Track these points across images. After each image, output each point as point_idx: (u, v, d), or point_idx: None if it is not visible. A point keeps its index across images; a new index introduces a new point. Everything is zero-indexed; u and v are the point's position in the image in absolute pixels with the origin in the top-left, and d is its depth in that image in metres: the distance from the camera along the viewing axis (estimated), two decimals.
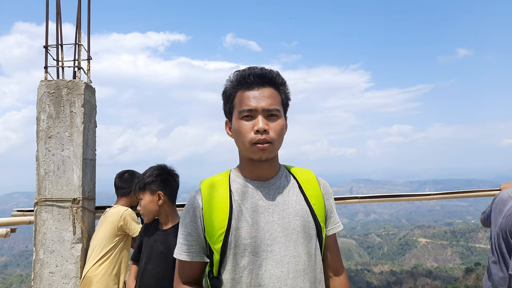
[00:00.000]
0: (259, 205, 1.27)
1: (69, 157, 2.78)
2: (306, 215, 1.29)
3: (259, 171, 1.31)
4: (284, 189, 1.32)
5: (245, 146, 1.25)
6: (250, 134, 1.23)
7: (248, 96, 1.25)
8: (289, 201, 1.29)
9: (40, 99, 2.83)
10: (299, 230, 1.26)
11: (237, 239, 1.23)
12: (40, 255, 2.76)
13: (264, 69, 1.28)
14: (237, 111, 1.27)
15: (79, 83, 2.83)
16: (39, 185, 2.79)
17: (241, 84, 1.27)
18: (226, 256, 1.24)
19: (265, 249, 1.23)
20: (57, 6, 2.96)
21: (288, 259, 1.23)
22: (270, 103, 1.24)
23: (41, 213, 2.77)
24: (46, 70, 2.93)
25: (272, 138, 1.23)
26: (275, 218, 1.26)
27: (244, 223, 1.24)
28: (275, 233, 1.24)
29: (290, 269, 1.22)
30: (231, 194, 1.29)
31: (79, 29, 2.97)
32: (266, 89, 1.26)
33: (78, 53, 2.97)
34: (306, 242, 1.27)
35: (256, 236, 1.23)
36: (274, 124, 1.24)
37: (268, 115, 1.24)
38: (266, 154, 1.24)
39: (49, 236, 2.76)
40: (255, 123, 1.23)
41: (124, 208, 2.85)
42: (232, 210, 1.26)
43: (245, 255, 1.22)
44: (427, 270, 40.60)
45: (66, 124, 2.80)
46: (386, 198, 3.44)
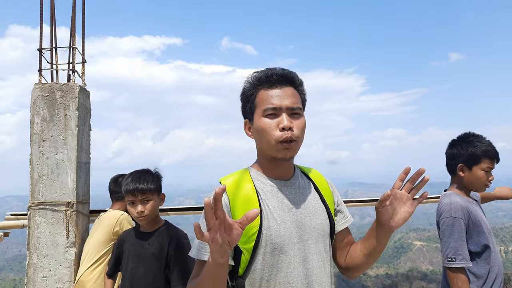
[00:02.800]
0: (284, 204, 1.30)
1: (63, 160, 2.76)
2: (323, 213, 1.35)
3: (280, 170, 1.34)
4: (303, 188, 1.36)
5: (270, 144, 1.26)
6: (276, 131, 1.24)
7: (272, 95, 1.27)
8: (309, 200, 1.34)
9: (34, 102, 2.81)
10: (318, 228, 1.31)
11: (267, 238, 1.24)
12: (33, 259, 2.74)
13: (285, 69, 1.32)
14: (260, 109, 1.28)
15: (74, 86, 2.82)
16: (33, 189, 2.77)
17: (262, 83, 1.29)
18: (256, 255, 1.24)
19: (293, 247, 1.26)
20: (51, 9, 2.95)
21: (312, 256, 1.28)
22: (293, 101, 1.27)
23: (34, 217, 2.75)
24: (40, 73, 2.92)
25: (297, 136, 1.26)
26: (299, 217, 1.30)
27: (273, 222, 1.26)
28: (299, 232, 1.28)
29: (314, 266, 1.27)
30: (258, 193, 1.29)
31: (73, 32, 2.96)
32: (288, 88, 1.29)
33: (73, 56, 2.96)
34: (324, 239, 1.32)
35: (284, 235, 1.26)
36: (298, 122, 1.27)
37: (292, 114, 1.27)
38: (290, 153, 1.27)
39: (43, 240, 2.73)
40: (280, 121, 1.24)
41: (120, 212, 2.83)
42: (262, 209, 1.27)
43: (275, 254, 1.24)
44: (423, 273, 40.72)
45: (60, 128, 2.78)
46: None
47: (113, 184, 2.93)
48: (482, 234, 2.04)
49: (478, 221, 2.05)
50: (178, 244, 2.19)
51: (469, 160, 2.12)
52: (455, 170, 2.18)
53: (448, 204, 2.07)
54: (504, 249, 49.52)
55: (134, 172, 2.26)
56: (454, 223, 2.01)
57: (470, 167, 2.13)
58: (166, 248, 2.17)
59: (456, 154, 2.17)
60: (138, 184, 2.16)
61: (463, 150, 2.14)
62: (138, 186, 2.15)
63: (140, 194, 2.15)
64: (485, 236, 2.04)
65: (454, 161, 2.18)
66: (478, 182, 2.14)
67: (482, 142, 2.13)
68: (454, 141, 2.22)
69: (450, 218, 2.02)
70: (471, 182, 2.15)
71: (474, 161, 2.12)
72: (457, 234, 2.00)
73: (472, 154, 2.11)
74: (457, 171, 2.17)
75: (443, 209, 2.08)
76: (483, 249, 2.04)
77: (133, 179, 2.18)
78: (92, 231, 2.81)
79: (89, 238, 2.78)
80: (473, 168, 2.12)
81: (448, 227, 2.02)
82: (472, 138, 2.16)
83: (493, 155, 2.12)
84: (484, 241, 2.04)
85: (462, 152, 2.14)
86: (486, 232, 2.06)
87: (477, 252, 2.04)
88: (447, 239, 2.01)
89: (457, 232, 2.00)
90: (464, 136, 2.20)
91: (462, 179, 2.17)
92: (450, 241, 2.00)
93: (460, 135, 2.23)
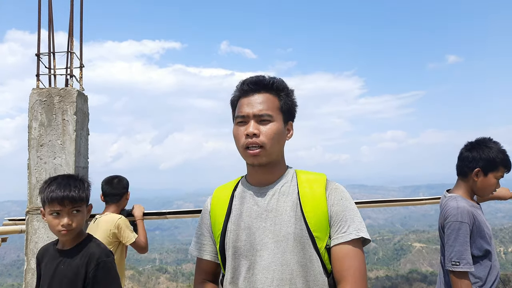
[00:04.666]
0: (253, 210, 1.31)
1: (61, 165, 2.75)
2: (299, 223, 1.24)
3: (259, 175, 1.35)
4: (281, 195, 1.31)
5: (239, 150, 1.32)
6: (242, 138, 1.28)
7: (243, 103, 1.31)
8: (284, 208, 1.28)
9: (32, 107, 2.81)
10: (289, 238, 1.23)
11: (230, 242, 1.31)
12: (31, 264, 2.72)
13: (261, 76, 1.33)
14: (234, 117, 1.35)
15: (71, 91, 2.82)
16: (31, 194, 2.76)
17: (240, 92, 1.34)
18: (226, 257, 1.33)
19: (255, 253, 1.26)
20: (49, 14, 2.95)
21: (274, 266, 1.22)
22: (261, 108, 1.28)
23: (32, 222, 2.74)
24: (38, 78, 2.92)
25: (263, 142, 1.26)
26: (267, 224, 1.27)
27: (237, 227, 1.30)
28: (265, 239, 1.26)
29: (275, 277, 1.21)
30: (232, 199, 1.37)
31: (71, 37, 2.96)
32: (261, 95, 1.31)
33: (71, 61, 2.95)
34: (297, 251, 1.22)
35: (247, 240, 1.27)
36: (266, 128, 1.28)
37: (260, 120, 1.28)
38: (257, 159, 1.28)
39: (41, 245, 2.71)
40: (246, 128, 1.28)
41: (118, 216, 2.84)
42: (230, 213, 1.34)
43: (236, 257, 1.29)
44: (422, 274, 40.67)
45: (58, 132, 2.78)
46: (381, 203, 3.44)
47: (109, 186, 2.93)
48: (484, 239, 2.05)
49: (481, 226, 2.07)
50: (99, 264, 1.72)
51: (487, 166, 2.08)
52: (468, 173, 2.13)
53: (455, 208, 2.05)
54: (504, 250, 49.54)
55: (59, 176, 1.81)
56: (460, 227, 2.00)
57: (486, 173, 2.09)
58: (83, 269, 1.71)
59: (475, 158, 2.10)
60: (68, 191, 1.72)
61: (484, 154, 2.09)
62: (68, 194, 1.70)
63: (69, 203, 1.72)
64: (487, 241, 2.06)
65: (471, 165, 2.11)
66: (488, 189, 2.14)
67: (501, 150, 2.10)
68: (473, 144, 2.16)
69: (457, 223, 2.01)
70: (482, 187, 2.13)
71: (491, 168, 2.08)
72: (462, 239, 1.99)
73: (491, 160, 2.07)
74: (471, 174, 2.12)
75: (450, 212, 2.06)
76: (485, 253, 2.06)
77: (59, 185, 1.73)
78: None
79: None
80: (489, 175, 2.09)
81: (454, 231, 2.01)
82: (492, 144, 2.12)
83: (509, 164, 2.11)
84: (486, 245, 2.06)
85: (483, 157, 2.08)
86: (488, 237, 2.07)
87: (478, 256, 2.05)
88: (452, 243, 2.01)
89: (462, 237, 2.00)
90: (485, 140, 2.15)
91: (474, 183, 2.13)
92: (455, 245, 2.00)
93: (479, 138, 2.18)
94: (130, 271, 29.80)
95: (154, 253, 67.83)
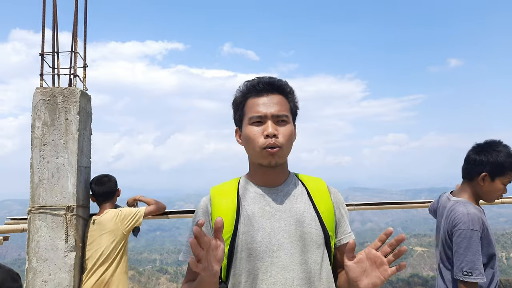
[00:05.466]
0: (265, 210, 1.29)
1: (63, 164, 2.76)
2: (314, 223, 1.28)
3: (268, 177, 1.33)
4: (292, 195, 1.32)
5: (255, 151, 1.28)
6: (260, 139, 1.26)
7: (258, 103, 1.29)
8: (297, 208, 1.30)
9: (35, 107, 2.82)
10: (305, 237, 1.25)
11: (243, 244, 1.25)
12: (33, 263, 2.73)
13: (273, 78, 1.33)
14: (247, 117, 1.30)
15: (75, 91, 2.83)
16: (33, 193, 2.77)
17: (250, 91, 1.31)
18: (233, 260, 1.26)
19: (271, 254, 1.23)
20: (53, 14, 2.96)
21: (293, 265, 1.23)
22: (279, 109, 1.28)
23: (34, 221, 2.74)
24: (41, 77, 2.93)
25: (281, 143, 1.26)
26: (281, 224, 1.26)
27: (251, 228, 1.26)
28: (281, 239, 1.25)
29: (295, 276, 1.22)
30: (238, 200, 1.31)
31: (75, 37, 2.98)
32: (275, 96, 1.30)
33: (74, 60, 2.97)
34: (313, 250, 1.26)
35: (261, 241, 1.24)
36: (283, 129, 1.27)
37: (278, 121, 1.28)
38: (275, 159, 1.27)
39: (43, 244, 2.73)
40: (265, 128, 1.26)
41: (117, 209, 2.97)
42: (240, 215, 1.28)
43: (251, 260, 1.24)
44: (423, 279, 40.54)
45: (61, 132, 2.78)
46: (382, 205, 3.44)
47: (99, 186, 2.96)
48: (491, 244, 1.98)
49: (489, 231, 2.00)
50: None
51: (494, 171, 2.01)
52: (475, 177, 2.06)
53: (466, 215, 1.95)
54: (506, 255, 49.27)
55: None
56: (472, 235, 1.91)
57: (493, 178, 2.02)
58: None
59: (483, 162, 2.02)
60: None
61: (492, 158, 2.00)
62: None
63: None
64: (492, 246, 2.00)
65: (478, 168, 2.03)
66: (495, 194, 2.06)
67: (511, 154, 2.01)
68: (482, 146, 2.07)
69: (468, 230, 1.91)
70: (488, 192, 2.06)
71: (499, 173, 2.01)
72: (474, 248, 1.90)
73: (500, 165, 1.99)
74: (477, 178, 2.05)
75: (460, 219, 1.95)
76: (490, 258, 2.00)
77: None
78: (95, 235, 2.82)
79: (95, 241, 2.82)
80: (496, 180, 2.02)
81: (465, 240, 1.92)
82: (501, 147, 2.02)
83: None
84: (492, 250, 1.99)
85: (491, 161, 2.00)
86: (493, 241, 2.01)
87: (484, 264, 1.97)
88: (463, 252, 1.91)
89: (474, 246, 1.90)
90: (494, 143, 2.06)
91: (480, 188, 2.06)
92: (467, 254, 1.90)
93: (489, 141, 2.09)
94: (130, 271, 29.85)
95: (155, 253, 67.76)
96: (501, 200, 3.28)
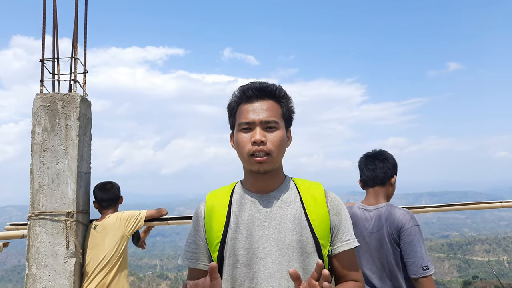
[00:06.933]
0: (255, 217, 1.28)
1: (63, 170, 2.76)
2: (304, 231, 1.26)
3: (260, 183, 1.32)
4: (284, 203, 1.30)
5: (244, 158, 1.28)
6: (248, 145, 1.25)
7: (247, 109, 1.28)
8: (287, 216, 1.28)
9: (35, 112, 2.82)
10: (294, 246, 1.24)
11: (231, 250, 1.26)
12: (33, 269, 2.72)
13: (264, 83, 1.31)
14: (237, 123, 1.31)
15: (75, 97, 2.83)
16: (33, 199, 2.76)
17: (242, 98, 1.31)
18: (223, 265, 1.27)
19: (258, 262, 1.23)
20: (54, 20, 2.98)
21: (280, 274, 1.22)
22: (267, 115, 1.26)
23: (34, 227, 2.74)
24: (42, 83, 2.94)
25: (270, 150, 1.24)
26: (270, 232, 1.25)
27: (239, 235, 1.26)
28: (269, 247, 1.24)
29: (282, 285, 1.21)
30: (230, 205, 1.32)
31: (75, 42, 2.99)
32: (265, 101, 1.29)
33: (74, 66, 2.98)
34: (303, 259, 1.24)
35: (249, 248, 1.24)
36: (272, 136, 1.26)
37: (266, 127, 1.26)
38: (264, 167, 1.25)
39: (42, 250, 2.72)
40: (253, 135, 1.25)
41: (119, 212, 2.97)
42: (230, 221, 1.29)
43: (238, 266, 1.24)
44: None
45: (61, 137, 2.79)
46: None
47: (102, 192, 2.98)
48: None
49: None
50: None
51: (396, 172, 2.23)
52: (387, 181, 2.20)
53: (406, 214, 2.05)
54: (508, 259, 48.94)
55: None
56: (418, 230, 2.00)
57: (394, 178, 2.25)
58: None
59: (393, 166, 2.22)
60: None
61: (394, 161, 2.23)
62: None
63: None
64: None
65: (390, 172, 2.20)
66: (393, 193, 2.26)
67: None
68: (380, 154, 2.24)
69: (416, 226, 2.00)
70: (393, 192, 2.24)
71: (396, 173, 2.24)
72: (422, 242, 1.99)
73: (396, 165, 2.24)
74: (389, 182, 2.21)
75: (404, 218, 2.02)
76: None
77: None
78: (97, 239, 2.82)
79: (97, 245, 2.82)
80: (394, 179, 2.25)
81: (416, 235, 1.98)
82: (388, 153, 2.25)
83: None
84: None
85: (394, 163, 2.22)
86: None
87: None
88: (418, 249, 1.96)
89: (421, 240, 2.00)
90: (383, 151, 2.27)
91: (391, 190, 2.23)
92: (420, 250, 1.96)
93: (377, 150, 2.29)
94: (130, 277, 29.70)
95: (155, 259, 67.39)
96: (501, 204, 3.28)
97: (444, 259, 63.26)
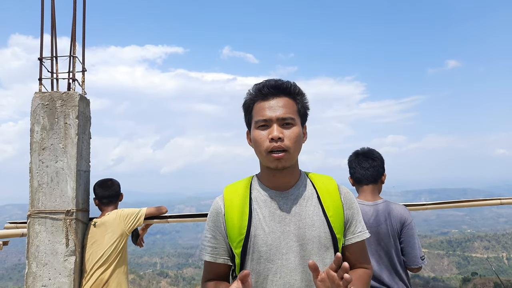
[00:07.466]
0: (276, 214, 1.33)
1: (63, 168, 2.76)
2: (323, 226, 1.32)
3: (277, 179, 1.36)
4: (302, 199, 1.36)
5: (262, 155, 1.31)
6: (266, 142, 1.29)
7: (263, 107, 1.31)
8: (306, 212, 1.33)
9: (34, 111, 2.82)
10: (314, 241, 1.30)
11: (254, 246, 1.31)
12: (33, 268, 2.72)
13: (279, 80, 1.35)
14: (254, 121, 1.34)
15: (74, 95, 2.83)
16: (32, 197, 2.76)
17: (257, 95, 1.34)
18: (245, 260, 1.33)
19: (281, 257, 1.29)
20: (52, 19, 2.97)
21: (302, 268, 1.28)
22: (284, 112, 1.30)
23: (34, 226, 2.74)
24: (40, 82, 2.93)
25: (287, 146, 1.28)
26: (291, 228, 1.31)
27: (261, 231, 1.31)
28: (290, 242, 1.30)
29: (304, 278, 1.28)
30: (251, 202, 1.36)
31: (74, 41, 2.98)
32: (281, 99, 1.32)
33: (73, 65, 2.97)
34: (321, 253, 1.31)
35: (272, 244, 1.29)
36: (289, 132, 1.29)
37: (283, 124, 1.30)
38: (282, 163, 1.29)
39: (42, 248, 2.72)
40: (270, 132, 1.29)
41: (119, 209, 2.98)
42: (252, 217, 1.33)
43: (261, 261, 1.30)
44: (425, 280, 40.47)
45: (60, 136, 2.79)
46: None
47: (103, 189, 2.99)
48: None
49: None
50: None
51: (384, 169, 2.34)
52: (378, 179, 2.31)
53: (404, 209, 2.21)
54: (507, 255, 49.05)
55: None
56: (415, 225, 2.18)
57: None
58: None
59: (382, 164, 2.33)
60: None
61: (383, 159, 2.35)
62: None
63: None
64: None
65: (381, 170, 2.32)
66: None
67: None
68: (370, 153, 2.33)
69: (413, 222, 2.18)
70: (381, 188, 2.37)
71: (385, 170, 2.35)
72: (416, 235, 2.18)
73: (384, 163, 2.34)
74: (380, 179, 2.32)
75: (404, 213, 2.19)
76: None
77: None
78: (97, 236, 2.82)
79: (96, 242, 2.82)
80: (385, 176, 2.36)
81: (414, 229, 2.17)
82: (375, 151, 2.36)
83: None
84: None
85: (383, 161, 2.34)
86: None
87: None
88: (416, 241, 2.16)
89: (416, 233, 2.18)
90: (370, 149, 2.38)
91: (381, 186, 2.35)
92: (418, 242, 2.15)
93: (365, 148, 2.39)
94: (130, 275, 29.77)
95: (155, 257, 67.53)
96: (500, 201, 3.29)
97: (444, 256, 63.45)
